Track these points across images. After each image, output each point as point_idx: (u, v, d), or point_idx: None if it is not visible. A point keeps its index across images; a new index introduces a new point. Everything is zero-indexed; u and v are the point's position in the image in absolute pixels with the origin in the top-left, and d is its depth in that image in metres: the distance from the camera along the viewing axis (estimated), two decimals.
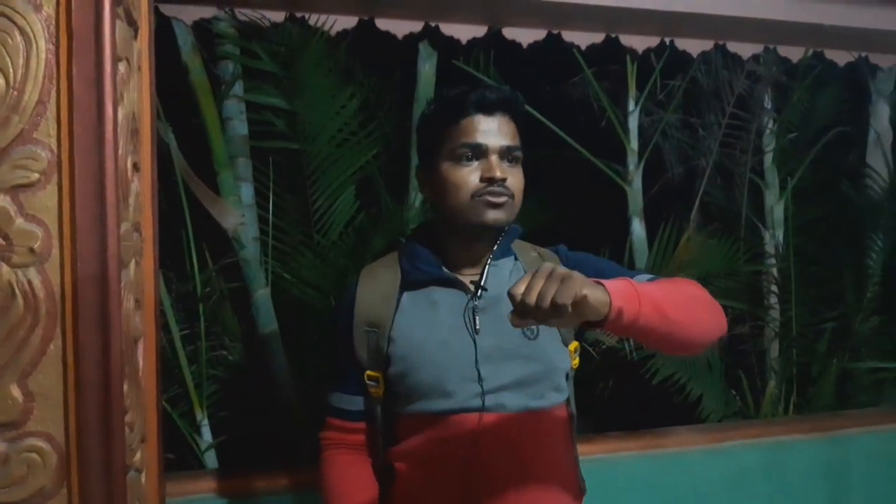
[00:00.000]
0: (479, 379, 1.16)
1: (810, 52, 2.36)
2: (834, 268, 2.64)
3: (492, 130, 1.17)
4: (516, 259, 1.27)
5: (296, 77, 2.07)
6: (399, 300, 1.21)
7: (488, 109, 1.18)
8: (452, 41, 2.14)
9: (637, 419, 2.00)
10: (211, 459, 1.99)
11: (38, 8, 0.86)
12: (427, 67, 2.28)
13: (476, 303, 1.19)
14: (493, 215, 1.17)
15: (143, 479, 1.11)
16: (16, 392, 0.87)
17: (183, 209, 1.95)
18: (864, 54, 2.44)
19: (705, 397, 2.28)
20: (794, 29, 2.18)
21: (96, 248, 0.90)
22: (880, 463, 2.06)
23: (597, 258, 1.30)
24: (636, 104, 2.57)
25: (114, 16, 0.94)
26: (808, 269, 2.61)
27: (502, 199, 1.16)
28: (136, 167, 1.09)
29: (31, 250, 0.87)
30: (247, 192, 2.11)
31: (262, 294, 2.06)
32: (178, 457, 1.98)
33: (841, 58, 2.42)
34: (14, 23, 0.85)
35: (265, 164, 2.15)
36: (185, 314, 2.05)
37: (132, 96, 1.06)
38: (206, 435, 1.99)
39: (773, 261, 2.63)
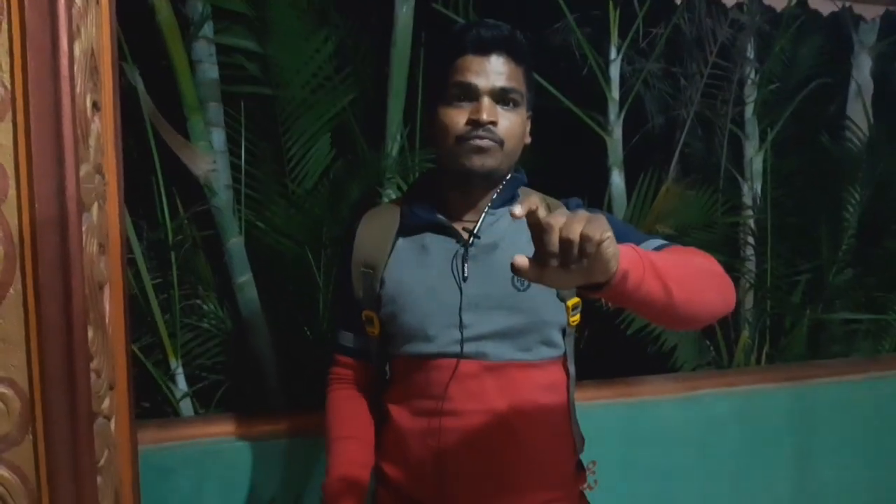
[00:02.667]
0: (461, 326, 1.15)
1: (794, 1, 2.33)
2: (811, 220, 2.65)
3: (485, 71, 1.13)
4: None
5: (268, 18, 2.00)
6: (394, 244, 1.22)
7: (483, 49, 1.13)
8: None
9: (612, 369, 2.02)
10: (186, 408, 1.98)
11: None
12: (405, 10, 2.21)
13: (467, 250, 1.18)
14: (477, 161, 1.14)
15: (112, 426, 1.09)
16: None
17: (152, 155, 1.90)
18: (847, 4, 2.41)
19: (679, 347, 2.30)
20: None
21: (55, 189, 0.87)
22: (848, 412, 2.09)
23: (615, 218, 1.24)
24: (618, 52, 2.52)
25: None
26: (786, 221, 2.61)
27: (487, 144, 1.13)
28: (96, 106, 1.04)
29: None
30: (218, 137, 2.04)
31: (235, 243, 2.02)
32: (152, 405, 1.97)
33: (825, 7, 2.39)
34: None
35: (237, 110, 2.09)
36: (157, 262, 2.01)
37: (90, 31, 1.01)
38: (181, 384, 1.97)
39: (750, 212, 2.64)
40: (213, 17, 2.01)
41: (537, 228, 0.78)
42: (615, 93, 2.53)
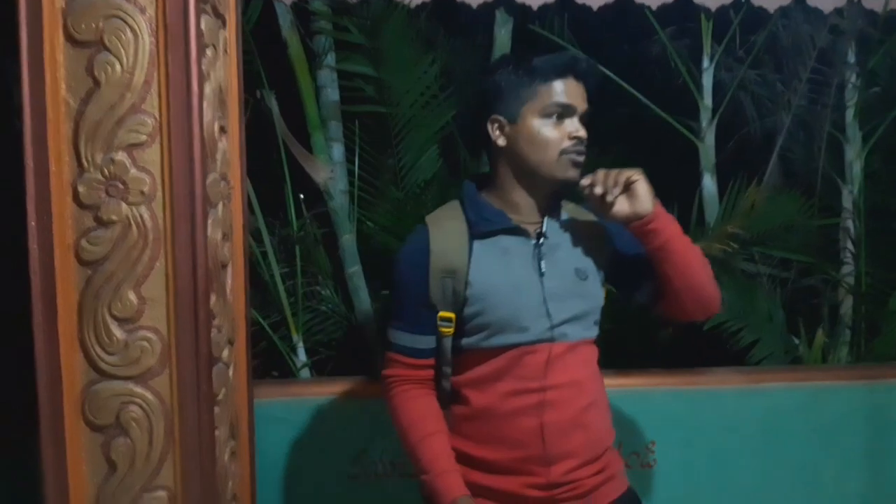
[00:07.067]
0: (548, 315, 1.34)
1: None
2: None
3: (579, 94, 1.32)
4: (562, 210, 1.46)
5: (381, 47, 2.30)
6: (471, 248, 1.35)
7: (579, 75, 1.33)
8: (525, 7, 2.30)
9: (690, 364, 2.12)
10: (305, 376, 2.34)
11: (143, 10, 1.13)
12: (503, 32, 2.46)
13: (539, 249, 1.37)
14: (573, 172, 1.32)
15: (230, 372, 1.41)
16: (132, 296, 1.15)
17: (283, 166, 2.27)
18: None
19: (759, 344, 2.34)
20: None
21: (187, 191, 1.19)
22: None
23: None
24: (711, 61, 2.61)
25: (198, 13, 1.20)
26: (888, 226, 2.57)
27: (583, 158, 1.33)
28: (223, 129, 1.37)
29: (142, 192, 1.14)
30: (337, 150, 2.39)
31: (348, 239, 2.37)
32: (280, 374, 2.35)
33: None
34: (126, 23, 1.12)
35: (354, 126, 2.41)
36: (285, 255, 2.39)
37: (219, 74, 1.34)
38: (301, 355, 2.34)
39: (848, 216, 2.62)
40: (335, 48, 2.36)
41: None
42: (707, 100, 2.62)
